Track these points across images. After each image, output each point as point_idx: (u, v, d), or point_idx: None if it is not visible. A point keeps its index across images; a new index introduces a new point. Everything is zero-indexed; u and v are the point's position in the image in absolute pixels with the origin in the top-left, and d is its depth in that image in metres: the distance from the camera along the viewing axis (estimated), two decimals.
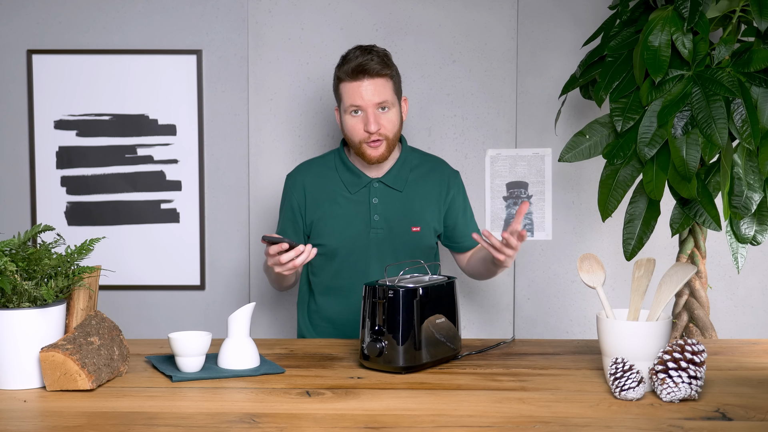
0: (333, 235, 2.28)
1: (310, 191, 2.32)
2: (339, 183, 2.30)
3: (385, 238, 2.27)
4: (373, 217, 2.27)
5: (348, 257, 2.28)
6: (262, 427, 1.42)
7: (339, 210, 2.28)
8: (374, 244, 2.27)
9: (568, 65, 2.81)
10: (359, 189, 2.28)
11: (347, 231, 2.27)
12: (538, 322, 2.91)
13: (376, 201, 2.28)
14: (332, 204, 2.29)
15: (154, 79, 2.84)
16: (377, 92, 2.17)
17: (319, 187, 2.31)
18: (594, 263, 1.74)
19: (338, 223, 2.27)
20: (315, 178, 2.33)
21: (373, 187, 2.28)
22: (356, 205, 2.28)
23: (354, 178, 2.29)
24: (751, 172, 2.22)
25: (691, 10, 2.14)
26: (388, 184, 2.29)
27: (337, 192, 2.30)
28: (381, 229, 2.27)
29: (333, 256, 2.29)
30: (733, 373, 1.76)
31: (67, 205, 2.87)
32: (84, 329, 1.71)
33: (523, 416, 1.47)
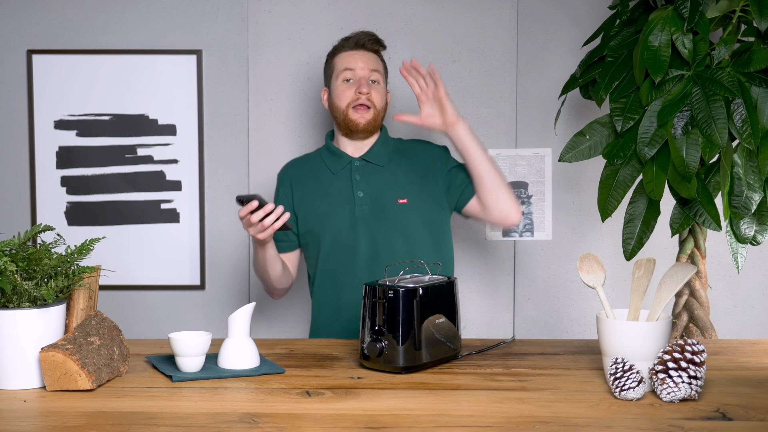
0: (319, 218, 2.30)
1: (296, 182, 2.37)
2: (323, 167, 2.36)
3: (372, 213, 2.28)
4: (357, 193, 2.29)
5: (337, 237, 2.28)
6: (262, 427, 1.42)
7: (323, 192, 2.32)
8: (361, 220, 2.28)
9: (568, 65, 2.81)
10: (341, 169, 2.33)
11: (333, 211, 2.29)
12: (538, 322, 2.91)
13: (358, 178, 2.31)
14: (316, 188, 2.33)
15: (154, 79, 2.84)
16: (371, 61, 2.33)
17: (304, 177, 2.36)
18: (594, 263, 1.74)
19: (323, 204, 2.30)
20: (300, 170, 2.39)
21: (355, 166, 2.32)
22: (339, 184, 2.31)
23: (336, 159, 2.34)
24: (751, 172, 2.22)
25: (691, 10, 2.14)
26: (370, 160, 2.33)
27: (321, 176, 2.34)
28: (366, 205, 2.28)
29: (322, 240, 2.30)
30: (733, 373, 1.76)
31: (67, 205, 2.87)
32: (84, 329, 1.71)
33: (523, 416, 1.47)
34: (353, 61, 2.31)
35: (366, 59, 2.31)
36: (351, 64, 2.30)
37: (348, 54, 2.32)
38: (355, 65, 2.30)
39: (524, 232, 2.87)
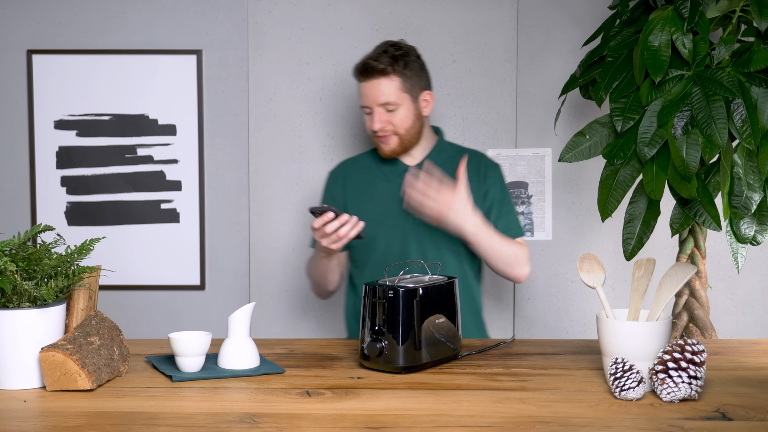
0: (371, 223, 2.28)
1: (351, 183, 2.38)
2: (377, 172, 2.35)
3: (423, 223, 2.25)
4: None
5: (388, 245, 2.29)
6: (262, 427, 1.42)
7: (377, 199, 2.32)
8: (413, 230, 2.27)
9: (568, 65, 2.81)
10: (396, 176, 2.32)
11: (386, 219, 2.29)
12: (538, 322, 2.91)
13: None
14: (370, 193, 2.33)
15: (154, 79, 2.84)
16: (381, 93, 2.22)
17: (359, 179, 2.36)
18: (594, 263, 1.74)
19: (376, 211, 2.30)
20: (356, 172, 2.39)
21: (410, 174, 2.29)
22: (394, 192, 2.30)
23: (391, 167, 2.34)
24: (751, 172, 2.22)
25: (691, 10, 2.14)
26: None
27: (376, 182, 2.34)
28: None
29: (373, 246, 2.30)
30: (733, 373, 1.76)
31: (67, 205, 2.87)
32: (84, 329, 1.71)
33: (523, 416, 1.47)
34: (364, 94, 2.25)
35: (376, 90, 2.22)
36: (363, 98, 2.26)
37: (361, 87, 2.27)
38: (366, 99, 2.25)
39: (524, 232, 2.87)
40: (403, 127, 2.25)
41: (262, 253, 2.89)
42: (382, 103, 2.22)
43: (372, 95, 2.22)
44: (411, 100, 2.25)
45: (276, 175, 2.88)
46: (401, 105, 2.24)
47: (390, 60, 2.22)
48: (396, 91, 2.22)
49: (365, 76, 2.23)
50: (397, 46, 2.26)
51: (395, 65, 2.22)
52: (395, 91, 2.22)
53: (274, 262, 2.90)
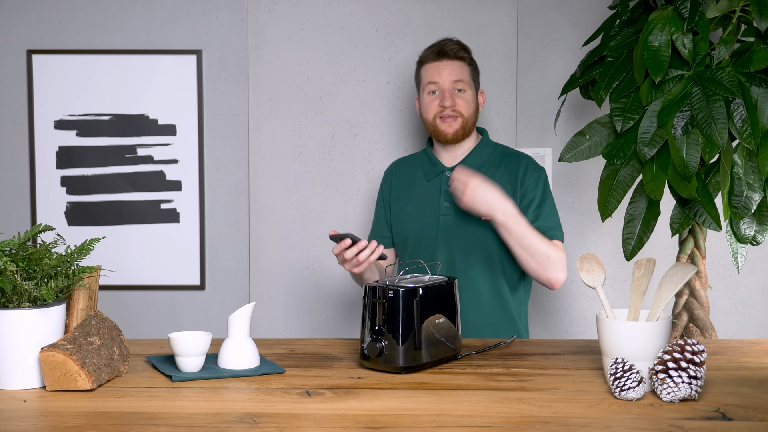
0: (406, 221, 2.36)
1: (396, 181, 2.45)
2: (420, 172, 2.41)
3: (455, 225, 2.29)
4: (443, 203, 2.31)
5: (418, 243, 2.32)
6: (262, 427, 1.42)
7: (415, 197, 2.37)
8: (443, 230, 2.30)
9: (568, 65, 2.81)
10: (434, 177, 2.36)
11: (419, 216, 2.34)
12: (538, 322, 2.91)
13: (447, 188, 2.31)
14: (411, 191, 2.38)
15: (154, 79, 2.84)
16: (454, 71, 2.32)
17: (404, 178, 2.43)
18: (594, 263, 1.73)
19: (413, 208, 2.36)
20: (402, 171, 2.46)
21: (446, 175, 2.34)
22: (430, 191, 2.35)
23: (431, 167, 2.39)
24: (751, 172, 2.22)
25: (691, 10, 2.14)
26: None
27: (416, 181, 2.40)
28: (450, 216, 2.30)
29: (406, 241, 2.36)
30: (733, 373, 1.76)
31: (67, 205, 2.87)
32: (84, 329, 1.71)
33: (523, 416, 1.47)
34: (437, 72, 2.32)
35: (450, 69, 2.32)
36: (434, 76, 2.32)
37: (432, 66, 2.34)
38: (438, 77, 2.31)
39: None
40: (468, 111, 2.32)
41: (262, 253, 2.89)
42: (456, 80, 2.31)
43: (446, 73, 2.31)
44: (474, 90, 2.37)
45: (276, 175, 2.88)
46: (468, 90, 2.34)
47: (463, 48, 2.37)
48: (467, 74, 2.35)
49: (440, 57, 2.33)
50: (461, 42, 2.39)
51: (468, 54, 2.38)
52: (466, 74, 2.35)
53: (274, 262, 2.90)
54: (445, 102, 2.30)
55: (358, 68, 2.85)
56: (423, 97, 2.37)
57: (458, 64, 2.33)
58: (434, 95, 2.33)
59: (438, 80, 2.32)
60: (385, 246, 2.41)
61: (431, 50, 2.36)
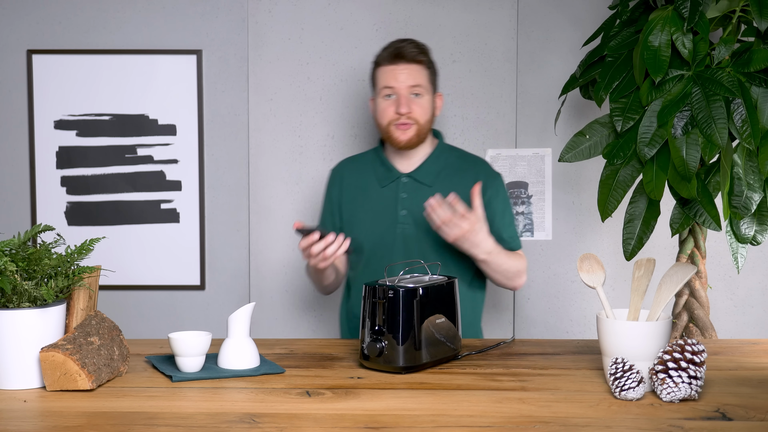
0: (361, 229, 2.28)
1: (347, 184, 2.35)
2: (372, 177, 2.33)
3: (413, 234, 2.25)
4: (400, 211, 2.26)
5: (374, 252, 2.26)
6: (262, 427, 1.42)
7: (369, 204, 2.29)
8: (400, 239, 2.25)
9: (568, 65, 2.81)
10: (389, 183, 2.30)
11: (375, 225, 2.27)
12: (538, 322, 2.91)
13: (404, 196, 2.27)
14: (364, 197, 2.30)
15: (154, 79, 2.84)
16: (411, 76, 2.23)
17: (355, 181, 2.34)
18: (594, 263, 1.73)
19: (367, 216, 2.28)
20: (352, 173, 2.36)
21: (402, 182, 2.29)
22: (385, 199, 2.29)
23: (385, 172, 2.31)
24: (751, 172, 2.22)
25: (691, 10, 2.14)
26: (417, 178, 2.28)
27: (370, 186, 2.32)
28: (408, 224, 2.25)
29: (361, 250, 2.29)
30: (733, 373, 1.76)
31: (67, 205, 2.87)
32: (84, 329, 1.71)
33: (523, 416, 1.47)
34: (392, 76, 2.23)
35: (406, 73, 2.22)
36: (390, 80, 2.23)
37: (388, 69, 2.24)
38: (395, 81, 2.22)
39: (524, 232, 2.87)
40: (424, 118, 2.24)
41: (262, 253, 2.89)
42: (413, 84, 2.22)
43: (402, 77, 2.22)
44: (431, 94, 2.29)
45: (276, 175, 2.88)
46: (425, 95, 2.25)
47: (421, 51, 2.26)
48: (424, 79, 2.25)
49: (396, 60, 2.23)
50: (418, 43, 2.28)
51: (425, 56, 2.27)
52: (424, 78, 2.25)
53: (274, 262, 2.90)
54: (400, 109, 2.20)
55: (358, 68, 2.85)
56: (378, 101, 2.27)
57: (415, 68, 2.23)
58: (390, 99, 2.23)
59: (394, 85, 2.22)
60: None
61: (388, 52, 2.26)
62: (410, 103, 2.22)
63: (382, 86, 2.25)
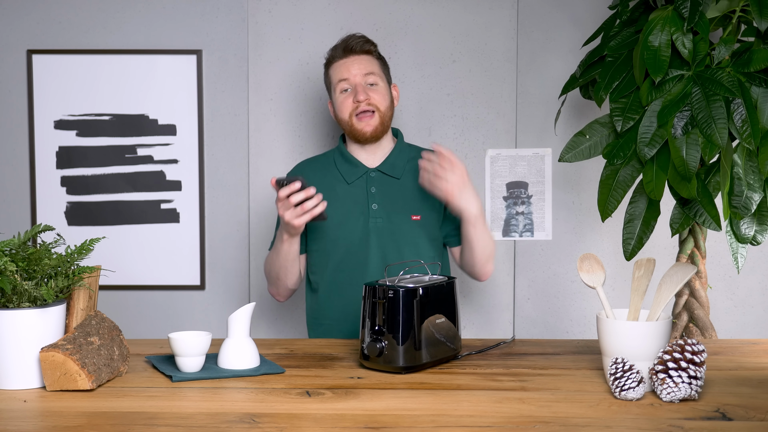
0: (332, 228, 2.26)
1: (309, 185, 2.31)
2: (337, 175, 2.32)
3: (385, 226, 2.26)
4: (372, 206, 2.27)
5: (348, 248, 2.26)
6: (262, 427, 1.42)
7: (337, 201, 2.27)
8: (374, 233, 2.26)
9: (568, 65, 2.81)
10: (356, 179, 2.30)
11: (346, 222, 2.26)
12: (538, 322, 2.91)
13: (374, 190, 2.28)
14: (330, 196, 2.27)
15: (154, 79, 2.84)
16: (363, 65, 2.28)
17: (318, 181, 2.29)
18: (594, 263, 1.74)
19: (336, 214, 2.26)
20: (314, 173, 2.34)
21: (371, 177, 2.29)
22: (354, 194, 2.29)
23: (351, 168, 2.31)
24: (751, 172, 2.22)
25: (691, 10, 2.14)
26: (386, 172, 2.30)
27: (335, 184, 2.31)
28: (380, 218, 2.26)
29: (333, 249, 2.27)
30: (733, 373, 1.76)
31: (67, 205, 2.87)
32: (84, 329, 1.71)
33: (523, 416, 1.47)
34: (345, 69, 2.27)
35: (359, 64, 2.28)
36: (344, 73, 2.27)
37: (340, 63, 2.30)
38: (348, 73, 2.27)
39: (524, 232, 2.87)
40: (384, 105, 2.28)
41: (262, 253, 2.89)
42: (367, 73, 2.27)
43: (355, 69, 2.27)
44: (386, 83, 2.33)
45: (276, 175, 2.88)
46: (381, 83, 2.29)
47: (367, 41, 2.32)
48: (376, 67, 2.31)
49: (347, 53, 2.29)
50: (366, 37, 2.34)
51: (374, 48, 2.34)
52: (376, 66, 2.31)
53: None
54: (359, 96, 2.24)
55: None
56: (335, 97, 2.30)
57: (366, 58, 2.29)
58: (347, 93, 2.27)
59: (348, 76, 2.26)
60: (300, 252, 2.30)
61: (337, 48, 2.31)
62: (367, 91, 2.26)
63: (337, 80, 2.29)
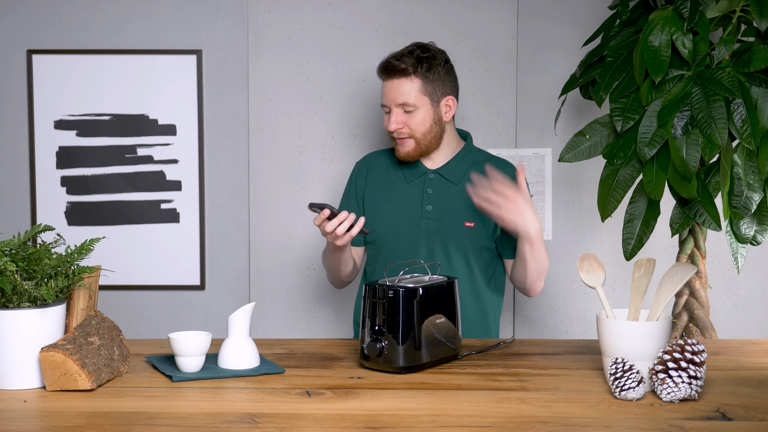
0: (384, 222, 2.28)
1: (372, 177, 2.35)
2: (399, 172, 2.33)
3: (436, 229, 2.25)
4: (426, 207, 2.26)
5: (397, 246, 2.26)
6: (262, 427, 1.42)
7: (394, 197, 2.29)
8: (424, 234, 2.25)
9: (568, 65, 2.81)
10: (415, 178, 2.30)
11: (399, 219, 2.27)
12: (538, 322, 2.91)
13: (430, 191, 2.28)
14: (389, 191, 2.30)
15: (154, 79, 2.84)
16: (399, 93, 2.21)
17: (381, 175, 2.34)
18: (594, 263, 1.74)
19: (391, 210, 2.28)
20: (379, 166, 2.36)
21: (429, 178, 2.29)
22: (411, 194, 2.29)
23: (412, 168, 2.32)
24: (751, 172, 2.22)
25: (691, 10, 2.14)
26: (444, 175, 2.28)
27: (396, 180, 2.32)
28: (432, 219, 2.25)
29: (383, 243, 2.29)
30: (733, 373, 1.76)
31: (67, 205, 2.87)
32: (84, 329, 1.71)
33: (523, 416, 1.47)
34: (384, 93, 2.24)
35: (396, 90, 2.20)
36: (383, 97, 2.25)
37: (382, 86, 2.25)
38: (385, 99, 2.24)
39: None
40: (420, 131, 2.22)
41: (262, 253, 2.89)
42: (400, 103, 2.20)
43: (391, 95, 2.21)
44: (431, 103, 2.22)
45: (276, 175, 2.88)
46: (420, 108, 2.21)
47: (413, 61, 2.19)
48: (416, 93, 2.20)
49: (387, 75, 2.22)
50: (424, 48, 2.23)
51: (418, 67, 2.19)
52: (415, 93, 2.20)
53: (274, 262, 2.90)
54: (389, 126, 2.22)
55: (358, 68, 2.85)
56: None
57: (404, 83, 2.19)
58: (387, 113, 2.26)
59: (386, 102, 2.24)
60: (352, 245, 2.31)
61: (380, 66, 2.25)
62: (399, 118, 2.21)
63: (381, 102, 2.28)
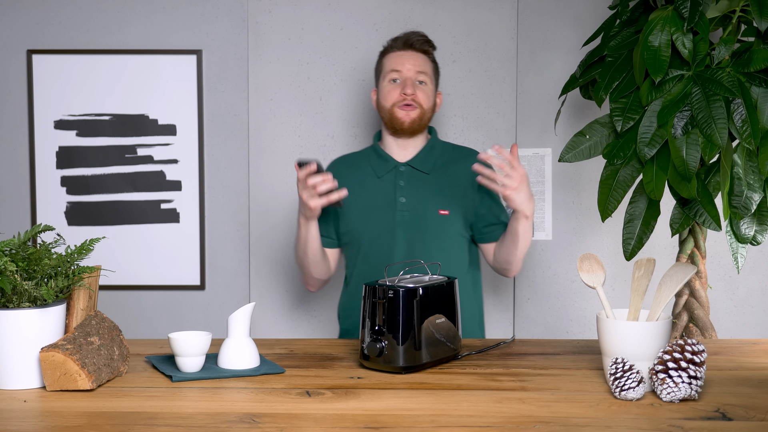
0: (359, 219, 2.29)
1: (342, 181, 2.32)
2: (368, 169, 2.35)
3: (412, 220, 2.26)
4: (399, 199, 2.28)
5: (374, 240, 2.28)
6: (262, 427, 1.42)
7: (366, 194, 2.30)
8: (400, 226, 2.26)
9: (568, 65, 2.81)
10: (386, 173, 2.32)
11: (373, 214, 2.28)
12: (538, 322, 2.91)
13: (402, 183, 2.29)
14: (360, 189, 2.31)
15: (154, 79, 2.84)
16: (418, 63, 2.31)
17: (350, 176, 2.34)
18: (594, 263, 1.74)
19: (365, 206, 2.29)
20: (347, 169, 2.38)
21: (400, 171, 2.31)
22: (383, 188, 2.30)
23: (382, 162, 2.34)
24: (751, 172, 2.22)
25: (691, 10, 2.14)
26: (416, 167, 2.31)
27: (366, 178, 2.33)
28: (407, 211, 2.27)
29: (360, 240, 2.30)
30: (733, 373, 1.76)
31: (67, 205, 2.87)
32: (84, 329, 1.71)
33: (523, 416, 1.47)
34: (400, 62, 2.30)
35: (414, 60, 2.30)
36: (398, 65, 2.30)
37: (396, 54, 2.32)
38: (402, 66, 2.29)
39: None
40: (427, 104, 2.30)
41: (262, 253, 2.89)
42: (419, 71, 2.29)
43: (409, 64, 2.29)
44: (434, 86, 2.36)
45: (276, 175, 2.88)
46: (429, 84, 2.32)
47: (428, 44, 2.35)
48: (430, 69, 2.34)
49: (406, 48, 2.32)
50: (428, 38, 2.37)
51: (431, 50, 2.37)
52: (429, 68, 2.34)
53: (274, 262, 2.90)
54: (407, 90, 2.27)
55: (358, 68, 2.85)
56: (383, 86, 2.33)
57: (422, 57, 2.32)
58: (395, 84, 2.30)
59: (401, 69, 2.29)
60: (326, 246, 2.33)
61: (398, 40, 2.34)
62: (415, 87, 2.29)
63: (389, 70, 2.32)
